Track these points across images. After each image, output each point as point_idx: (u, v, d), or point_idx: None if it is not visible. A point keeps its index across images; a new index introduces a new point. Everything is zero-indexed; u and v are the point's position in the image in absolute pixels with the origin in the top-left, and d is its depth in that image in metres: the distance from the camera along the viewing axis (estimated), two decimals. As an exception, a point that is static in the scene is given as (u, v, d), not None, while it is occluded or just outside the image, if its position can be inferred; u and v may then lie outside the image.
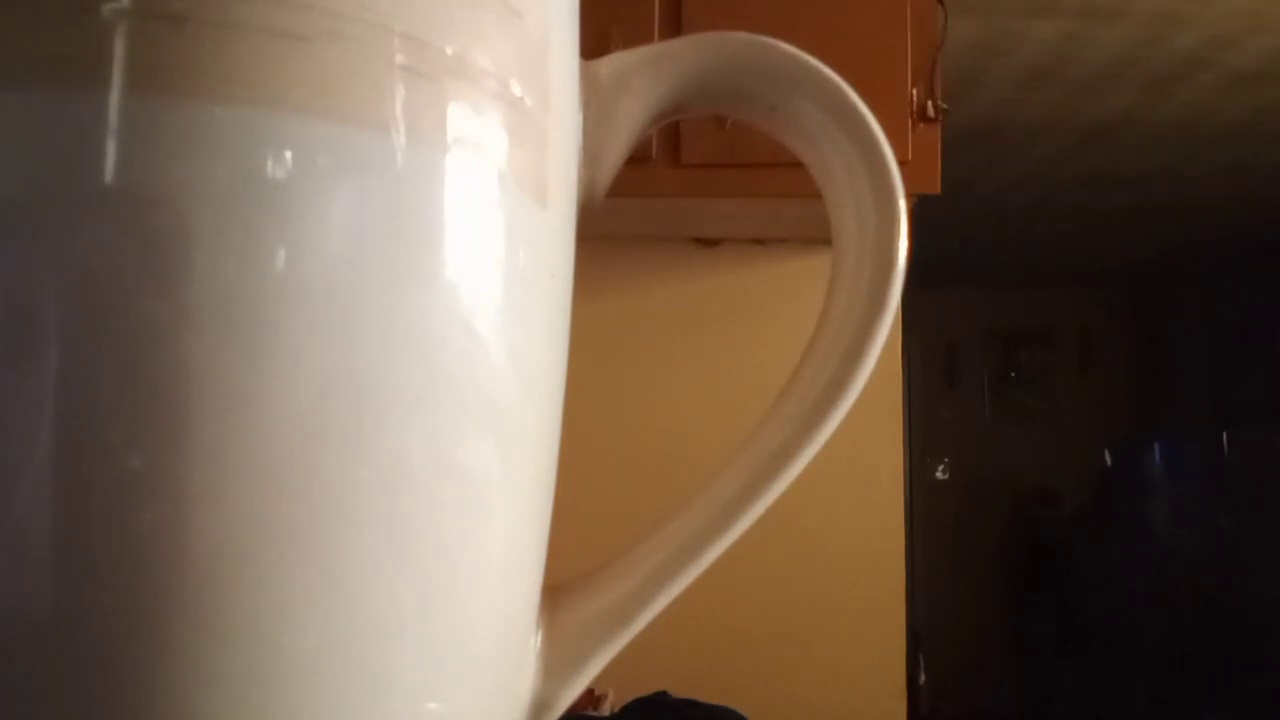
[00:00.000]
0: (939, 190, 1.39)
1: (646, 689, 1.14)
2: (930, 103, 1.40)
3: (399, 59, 0.18)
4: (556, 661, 0.23)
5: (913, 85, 1.40)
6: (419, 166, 0.19)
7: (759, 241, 1.66)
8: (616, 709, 1.18)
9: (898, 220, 0.25)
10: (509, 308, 0.21)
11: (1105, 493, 4.21)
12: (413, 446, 0.19)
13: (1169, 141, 2.98)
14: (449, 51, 0.19)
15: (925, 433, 4.29)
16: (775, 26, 0.38)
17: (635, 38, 0.41)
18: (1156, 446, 3.88)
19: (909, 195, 0.26)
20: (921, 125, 1.40)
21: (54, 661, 0.17)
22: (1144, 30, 2.30)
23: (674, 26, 1.39)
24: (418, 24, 0.19)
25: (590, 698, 1.27)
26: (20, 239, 0.17)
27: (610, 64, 0.25)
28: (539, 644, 0.23)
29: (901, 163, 0.25)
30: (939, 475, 4.48)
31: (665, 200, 1.44)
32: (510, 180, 0.20)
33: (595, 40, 0.26)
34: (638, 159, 0.34)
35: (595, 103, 0.24)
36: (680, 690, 1.17)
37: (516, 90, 0.21)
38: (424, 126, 0.19)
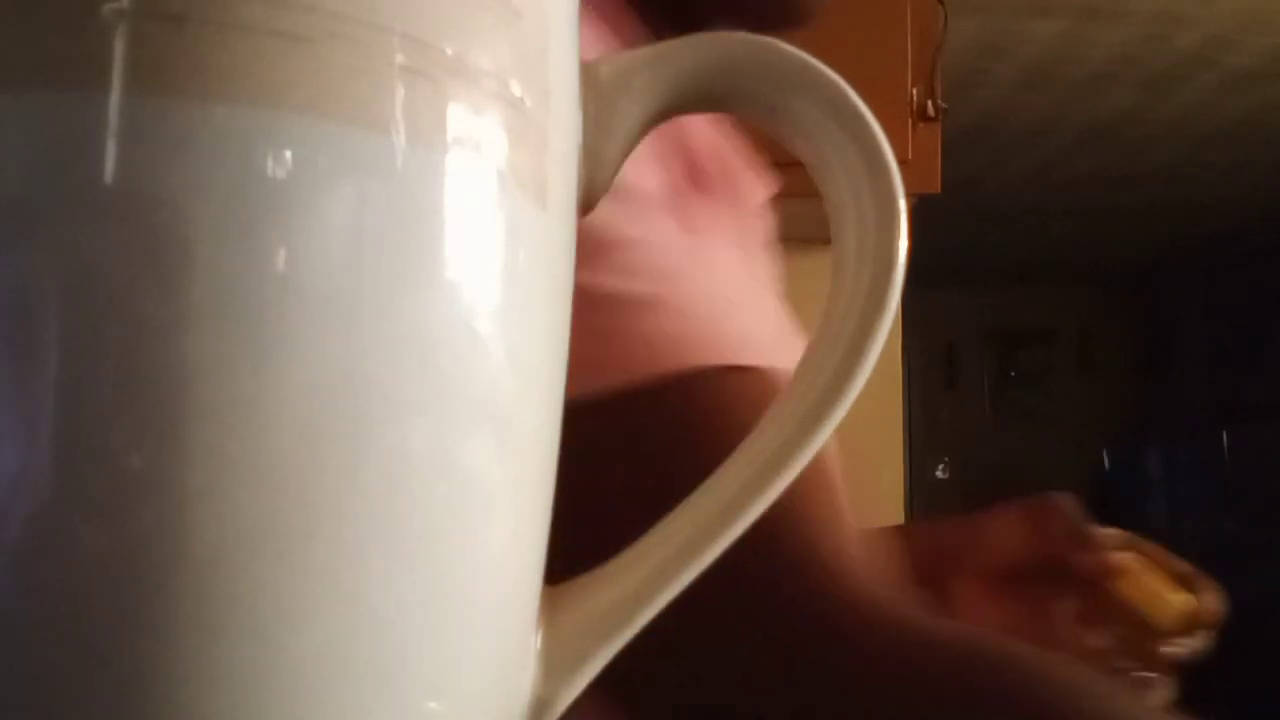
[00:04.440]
0: (939, 190, 1.39)
1: (646, 689, 1.14)
2: (930, 103, 1.40)
3: (399, 59, 0.18)
4: (557, 661, 0.23)
5: (913, 85, 1.40)
6: (419, 167, 0.19)
7: (759, 241, 1.65)
8: (616, 709, 1.18)
9: (898, 220, 0.25)
10: (509, 308, 0.21)
11: (1105, 493, 4.21)
12: (413, 446, 0.19)
13: (1169, 141, 2.98)
14: (449, 51, 0.19)
15: (925, 433, 4.29)
16: (775, 26, 0.38)
17: (635, 38, 0.41)
18: (1156, 446, 3.88)
19: (909, 195, 0.26)
20: (921, 125, 1.40)
21: (54, 661, 0.17)
22: (1144, 30, 2.30)
23: (674, 26, 1.39)
24: (418, 24, 0.19)
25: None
26: (21, 240, 0.17)
27: (610, 64, 0.25)
28: (539, 643, 0.23)
29: (901, 163, 0.25)
30: (939, 475, 4.48)
31: (665, 200, 1.44)
32: (510, 180, 0.20)
33: (595, 40, 0.26)
34: (638, 159, 0.34)
35: (595, 103, 0.24)
36: (680, 690, 1.17)
37: (516, 90, 0.21)
38: (424, 127, 0.19)
